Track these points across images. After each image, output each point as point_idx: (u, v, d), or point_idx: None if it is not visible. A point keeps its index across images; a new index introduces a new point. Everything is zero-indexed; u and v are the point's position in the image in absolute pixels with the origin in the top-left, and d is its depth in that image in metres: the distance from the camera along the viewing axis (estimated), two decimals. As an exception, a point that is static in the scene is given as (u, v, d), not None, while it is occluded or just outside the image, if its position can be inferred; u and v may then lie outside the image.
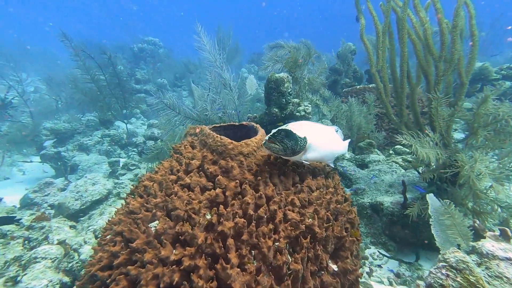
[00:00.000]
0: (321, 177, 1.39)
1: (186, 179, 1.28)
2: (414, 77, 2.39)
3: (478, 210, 1.66)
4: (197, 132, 1.47)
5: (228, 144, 1.30)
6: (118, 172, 4.24)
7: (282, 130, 1.21)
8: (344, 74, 6.58)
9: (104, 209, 3.27)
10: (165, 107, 2.73)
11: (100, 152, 5.18)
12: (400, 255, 2.24)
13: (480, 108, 1.58)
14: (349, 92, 4.85)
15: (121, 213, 1.34)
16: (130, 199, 1.34)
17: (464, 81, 2.04)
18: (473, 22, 1.96)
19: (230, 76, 3.16)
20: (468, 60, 2.03)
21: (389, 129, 4.25)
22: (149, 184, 1.31)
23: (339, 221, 1.24)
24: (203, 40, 3.08)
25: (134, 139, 5.50)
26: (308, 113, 3.07)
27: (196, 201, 1.24)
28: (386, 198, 2.45)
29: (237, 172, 1.28)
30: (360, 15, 2.56)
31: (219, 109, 3.05)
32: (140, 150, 4.92)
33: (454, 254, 1.12)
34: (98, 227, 2.89)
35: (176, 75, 11.23)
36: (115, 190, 3.78)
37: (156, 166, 1.42)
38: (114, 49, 9.95)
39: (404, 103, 2.37)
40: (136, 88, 8.81)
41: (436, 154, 1.64)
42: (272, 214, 1.21)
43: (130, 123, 6.58)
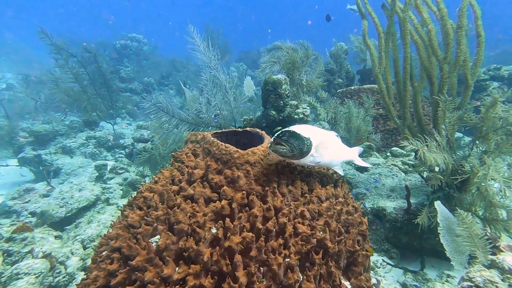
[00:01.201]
0: (330, 186, 1.36)
1: (189, 190, 1.23)
2: (417, 79, 2.41)
3: (490, 217, 1.68)
4: (199, 139, 1.42)
5: (234, 153, 1.25)
6: (106, 176, 4.10)
7: (286, 131, 1.18)
8: (337, 74, 6.64)
9: (93, 217, 3.15)
10: (158, 110, 2.65)
11: (85, 155, 5.01)
12: (403, 262, 2.26)
13: (489, 111, 1.59)
14: (343, 93, 4.89)
15: (119, 226, 1.27)
16: (129, 211, 1.27)
17: (470, 83, 2.06)
18: (479, 22, 1.97)
19: (226, 77, 3.12)
20: (474, 61, 2.05)
21: (384, 130, 4.32)
22: (149, 195, 1.25)
23: (351, 234, 1.22)
24: (197, 41, 3.02)
25: (121, 140, 5.35)
26: (307, 116, 3.06)
27: (201, 214, 1.19)
28: (388, 203, 2.46)
29: (244, 182, 1.24)
30: (362, 15, 2.56)
31: (215, 111, 3.00)
32: (129, 153, 4.79)
33: (480, 273, 1.11)
34: (86, 237, 2.78)
35: (162, 74, 11.10)
36: (103, 195, 3.65)
37: (156, 176, 1.36)
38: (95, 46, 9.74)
39: (408, 105, 2.38)
40: (121, 87, 8.61)
41: (444, 159, 1.65)
42: (281, 227, 1.18)
43: (116, 124, 6.41)
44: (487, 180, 1.50)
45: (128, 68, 9.98)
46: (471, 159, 1.69)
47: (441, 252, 2.21)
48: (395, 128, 4.27)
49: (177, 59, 12.14)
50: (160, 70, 11.22)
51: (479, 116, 1.71)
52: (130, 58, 10.76)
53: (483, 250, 1.25)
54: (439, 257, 2.21)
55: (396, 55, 2.44)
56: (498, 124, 1.58)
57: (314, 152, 1.22)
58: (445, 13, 2.05)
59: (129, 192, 3.76)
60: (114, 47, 10.84)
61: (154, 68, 11.12)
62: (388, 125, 4.34)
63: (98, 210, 3.38)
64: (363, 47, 6.59)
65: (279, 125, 2.90)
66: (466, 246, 1.33)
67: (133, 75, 9.75)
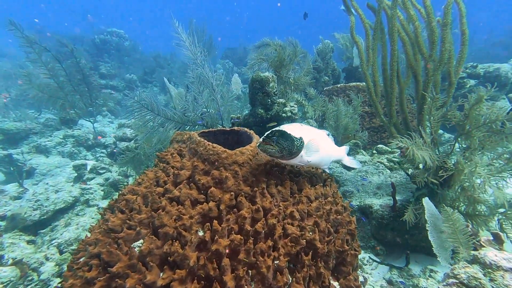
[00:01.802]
0: (319, 186, 1.37)
1: (175, 192, 1.19)
2: (402, 77, 2.45)
3: (472, 213, 1.74)
4: (185, 139, 1.37)
5: (222, 153, 1.22)
6: (86, 176, 3.94)
7: (276, 130, 1.17)
8: (324, 72, 6.71)
9: (70, 219, 3.01)
10: (141, 107, 2.56)
11: (62, 154, 4.79)
12: (389, 258, 2.31)
13: (473, 108, 1.64)
14: (330, 90, 4.95)
15: (98, 231, 1.21)
16: (109, 215, 1.22)
17: (453, 80, 2.12)
18: (463, 20, 2.02)
19: (212, 75, 3.06)
20: (458, 59, 2.11)
21: (370, 128, 4.41)
22: (132, 197, 1.20)
23: (340, 234, 1.23)
24: (182, 37, 2.94)
25: (102, 139, 5.16)
26: (294, 114, 3.07)
27: (187, 216, 1.16)
28: (375, 200, 2.51)
29: (232, 183, 1.22)
30: (349, 12, 2.58)
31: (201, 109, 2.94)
32: (111, 152, 4.63)
33: (465, 270, 1.14)
34: (63, 241, 2.65)
35: (145, 70, 10.86)
36: (82, 197, 3.51)
37: (139, 177, 1.31)
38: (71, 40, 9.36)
39: (394, 103, 2.43)
40: (102, 84, 8.31)
41: (430, 156, 1.70)
42: (270, 228, 1.16)
43: (97, 122, 6.18)
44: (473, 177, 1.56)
45: (109, 64, 9.67)
46: (457, 157, 1.75)
47: (425, 247, 2.29)
48: (380, 125, 4.38)
49: (161, 55, 11.93)
50: (143, 67, 10.97)
51: (463, 113, 1.76)
52: (111, 54, 10.42)
53: (465, 245, 1.30)
54: (423, 252, 2.28)
55: (384, 52, 2.47)
56: (481, 121, 1.64)
57: (304, 153, 1.22)
58: (431, 11, 2.09)
59: (111, 193, 3.63)
60: (93, 42, 10.45)
61: (136, 65, 10.86)
62: (374, 123, 4.44)
63: (77, 212, 3.24)
64: (348, 45, 6.70)
65: (267, 124, 2.89)
66: (450, 242, 1.38)
67: (114, 71, 9.45)
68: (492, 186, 1.47)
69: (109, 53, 10.41)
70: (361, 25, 2.50)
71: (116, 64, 9.97)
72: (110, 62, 9.91)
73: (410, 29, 2.31)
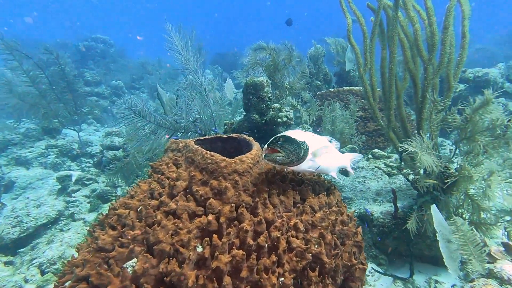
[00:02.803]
0: (323, 194, 1.33)
1: (171, 205, 1.13)
2: (400, 80, 2.46)
3: (477, 221, 1.73)
4: (181, 148, 1.32)
5: (220, 162, 1.18)
6: (70, 188, 3.80)
7: (279, 136, 1.15)
8: (315, 76, 6.79)
9: (54, 236, 2.87)
10: (133, 114, 2.48)
11: (45, 165, 4.61)
12: (391, 268, 2.28)
13: (476, 112, 1.64)
14: (323, 95, 4.99)
15: (86, 251, 1.13)
16: (99, 232, 1.14)
17: (452, 84, 2.14)
18: (465, 22, 2.00)
19: (206, 80, 3.03)
20: (457, 62, 2.12)
21: (364, 132, 4.45)
22: (124, 212, 1.13)
23: (346, 246, 1.19)
24: (175, 41, 2.90)
25: (88, 148, 5.01)
26: (290, 119, 3.05)
27: (185, 231, 1.10)
28: (375, 207, 2.49)
29: (232, 193, 1.17)
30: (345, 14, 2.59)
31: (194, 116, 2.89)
32: (97, 161, 4.49)
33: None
34: (45, 260, 2.52)
35: (133, 77, 10.77)
36: (67, 210, 3.36)
37: (131, 189, 1.24)
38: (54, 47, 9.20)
39: (393, 107, 2.43)
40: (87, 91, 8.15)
41: (433, 161, 1.69)
42: (274, 242, 1.11)
43: (82, 130, 6.01)
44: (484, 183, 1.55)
45: (94, 71, 9.51)
46: (462, 162, 1.74)
47: (428, 256, 2.27)
48: (375, 130, 4.42)
49: (148, 61, 11.89)
50: (130, 73, 10.89)
51: (463, 117, 1.77)
52: (96, 60, 10.28)
53: (479, 258, 1.27)
54: (426, 261, 2.26)
55: (383, 54, 2.48)
56: (484, 125, 1.64)
57: (312, 157, 1.20)
58: (432, 12, 2.09)
59: (98, 205, 3.50)
60: (77, 49, 10.28)
61: (123, 71, 10.76)
62: (368, 127, 4.48)
63: (61, 227, 3.10)
64: (339, 49, 6.81)
65: (262, 129, 2.86)
66: (462, 255, 1.36)
67: (99, 78, 9.29)
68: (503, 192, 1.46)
69: (94, 60, 10.26)
70: (358, 28, 2.52)
71: (101, 71, 9.81)
72: (96, 68, 9.75)
73: (410, 32, 2.31)
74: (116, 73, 10.32)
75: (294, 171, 1.38)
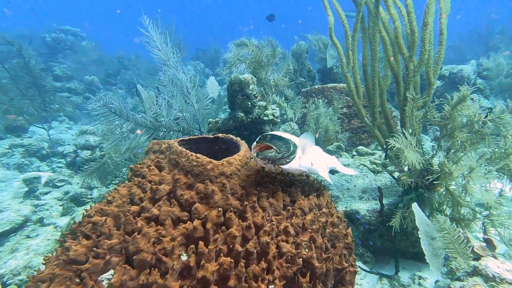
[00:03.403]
0: (313, 196, 1.31)
1: (154, 210, 1.06)
2: (382, 78, 2.51)
3: (457, 217, 1.80)
4: (164, 149, 1.25)
5: (207, 164, 1.12)
6: (39, 191, 3.56)
7: (267, 134, 1.14)
8: (299, 73, 6.84)
9: (19, 244, 2.67)
10: (108, 112, 2.34)
11: (8, 166, 4.30)
12: (376, 266, 2.33)
13: (455, 108, 1.70)
14: (308, 92, 5.03)
15: (55, 263, 1.04)
16: (71, 242, 1.05)
17: (432, 81, 2.21)
18: (443, 19, 2.08)
19: (187, 77, 2.93)
20: (435, 59, 2.20)
21: (349, 130, 4.54)
22: (100, 219, 1.05)
23: (337, 249, 1.18)
24: (152, 36, 2.77)
25: (60, 148, 4.73)
26: (276, 117, 3.03)
27: (168, 239, 1.04)
28: (361, 205, 2.52)
29: (219, 197, 1.12)
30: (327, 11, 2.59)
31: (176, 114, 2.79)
32: (70, 161, 4.24)
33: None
34: (7, 270, 2.34)
35: (108, 72, 10.33)
36: (35, 215, 3.15)
37: (109, 194, 1.15)
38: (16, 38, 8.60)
39: (377, 104, 2.47)
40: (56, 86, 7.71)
41: (417, 158, 1.73)
42: (263, 248, 1.08)
43: (52, 128, 5.68)
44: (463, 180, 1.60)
45: (64, 65, 9.00)
46: (441, 158, 1.80)
47: (412, 252, 2.34)
48: (359, 126, 4.51)
49: (125, 55, 11.46)
50: (105, 68, 10.42)
51: (443, 114, 1.82)
52: (66, 54, 9.73)
53: (464, 256, 1.31)
54: (410, 258, 2.33)
55: (365, 52, 2.51)
56: (462, 122, 1.70)
57: (301, 154, 1.19)
58: (412, 9, 2.14)
59: (71, 208, 3.30)
60: (44, 41, 9.68)
61: (97, 66, 10.30)
62: (353, 124, 4.57)
63: (27, 233, 2.89)
64: (321, 46, 6.90)
65: (248, 128, 2.81)
66: (448, 253, 1.39)
67: (70, 72, 8.81)
68: (480, 188, 1.53)
69: (63, 53, 9.70)
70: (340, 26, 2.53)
71: (73, 65, 9.31)
72: (66, 62, 9.23)
73: (391, 28, 2.35)
74: (89, 68, 9.84)
75: (284, 170, 1.36)
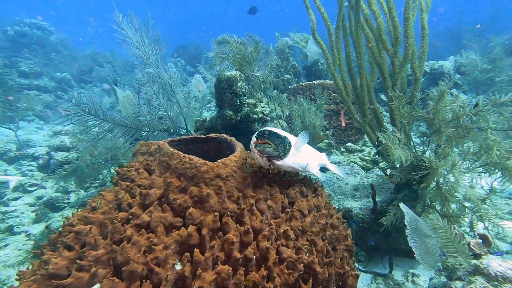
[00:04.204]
0: (311, 196, 1.29)
1: (144, 217, 1.00)
2: (369, 74, 2.54)
3: (447, 213, 1.85)
4: (153, 151, 1.18)
5: (201, 166, 1.07)
6: (7, 196, 3.34)
7: (264, 130, 1.16)
8: (284, 70, 6.89)
9: (-15, 256, 2.49)
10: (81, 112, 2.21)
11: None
12: (370, 264, 2.36)
13: (438, 104, 1.74)
14: (295, 89, 5.05)
15: (32, 279, 0.95)
16: (50, 254, 0.97)
17: (418, 76, 2.26)
18: (423, 15, 2.15)
19: (169, 75, 2.84)
20: (420, 54, 2.26)
21: (336, 127, 4.61)
22: (84, 228, 0.97)
23: (338, 252, 1.17)
24: (128, 33, 2.64)
25: (30, 149, 4.46)
26: (266, 115, 3.00)
27: (160, 247, 0.98)
28: (353, 203, 2.54)
29: (215, 201, 1.07)
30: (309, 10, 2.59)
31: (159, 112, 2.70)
32: (43, 164, 4.01)
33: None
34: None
35: (82, 69, 9.93)
36: (3, 223, 2.95)
37: (92, 200, 1.07)
38: None
39: (366, 101, 2.50)
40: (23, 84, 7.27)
41: (407, 155, 1.76)
42: (263, 253, 1.04)
43: (20, 129, 5.36)
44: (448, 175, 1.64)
45: (31, 61, 8.50)
46: (429, 154, 1.84)
47: (405, 249, 2.39)
48: (346, 123, 4.60)
49: (99, 52, 11.07)
50: (78, 64, 10.02)
51: (428, 110, 1.87)
52: (32, 49, 9.19)
53: (464, 254, 1.34)
54: (403, 255, 2.37)
55: (347, 50, 2.54)
56: (449, 117, 1.75)
57: (294, 151, 1.20)
58: (393, 5, 2.19)
59: (45, 214, 3.12)
60: (5, 34, 9.09)
61: (68, 62, 9.87)
62: (340, 121, 4.64)
63: (-6, 244, 2.70)
64: (304, 44, 6.98)
65: (237, 127, 2.77)
66: (447, 252, 1.42)
67: (39, 69, 8.35)
68: (464, 184, 1.58)
69: (30, 48, 9.16)
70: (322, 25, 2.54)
71: (41, 61, 8.82)
72: (33, 58, 8.72)
73: (374, 25, 2.39)
74: (60, 64, 9.39)
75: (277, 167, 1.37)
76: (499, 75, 6.13)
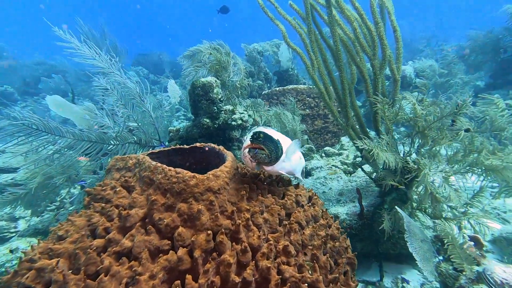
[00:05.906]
0: (308, 206, 1.25)
1: (125, 242, 0.88)
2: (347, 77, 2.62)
3: (439, 215, 1.91)
4: (131, 165, 1.07)
5: (189, 179, 0.98)
6: None
7: (260, 132, 1.12)
8: (256, 76, 7.00)
9: None
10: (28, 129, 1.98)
11: None
12: (358, 272, 2.36)
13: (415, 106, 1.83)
14: (269, 94, 5.12)
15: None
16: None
17: (397, 77, 2.38)
18: (392, 17, 2.29)
19: (135, 84, 2.70)
20: (396, 56, 2.38)
21: (312, 131, 4.71)
22: (49, 263, 0.83)
23: (340, 266, 1.13)
24: (76, 44, 2.44)
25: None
26: (245, 121, 2.96)
27: (146, 276, 0.87)
28: (339, 208, 2.55)
29: (207, 218, 0.99)
30: (275, 21, 2.62)
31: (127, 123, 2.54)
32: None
33: None
34: None
35: (26, 80, 9.25)
36: None
37: (58, 227, 0.93)
38: None
39: (348, 104, 2.56)
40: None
41: (394, 158, 1.80)
42: (263, 274, 0.97)
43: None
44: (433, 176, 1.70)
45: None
46: (418, 157, 1.91)
47: (393, 254, 2.43)
48: (322, 127, 4.72)
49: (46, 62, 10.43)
50: (21, 75, 9.32)
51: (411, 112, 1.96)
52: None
53: (468, 261, 1.36)
54: (391, 260, 2.41)
55: (324, 55, 2.60)
56: (431, 119, 1.83)
57: (284, 157, 1.19)
58: (362, 11, 2.31)
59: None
60: None
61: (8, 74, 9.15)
62: (316, 125, 4.75)
63: None
64: (275, 50, 7.17)
65: (215, 135, 2.69)
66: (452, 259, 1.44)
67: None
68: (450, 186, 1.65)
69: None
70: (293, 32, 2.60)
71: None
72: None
73: (349, 30, 2.49)
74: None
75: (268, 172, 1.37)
76: (453, 79, 6.80)
